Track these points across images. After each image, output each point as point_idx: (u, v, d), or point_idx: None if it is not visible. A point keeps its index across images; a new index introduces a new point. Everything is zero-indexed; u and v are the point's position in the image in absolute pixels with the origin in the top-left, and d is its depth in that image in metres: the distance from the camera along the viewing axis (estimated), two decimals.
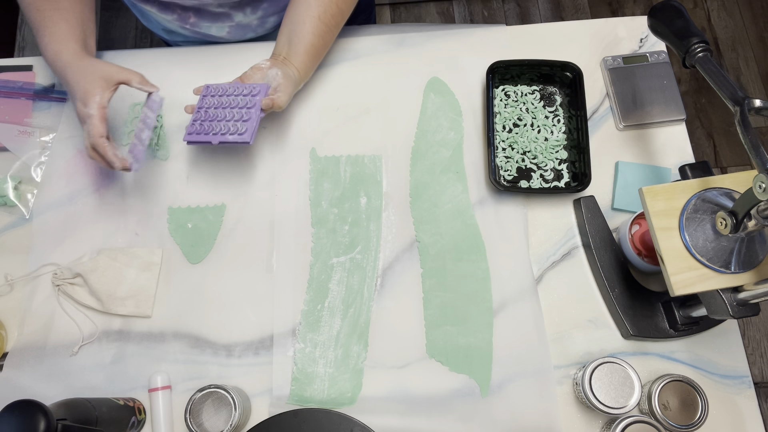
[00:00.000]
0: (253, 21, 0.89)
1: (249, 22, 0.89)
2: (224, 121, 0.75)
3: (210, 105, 0.77)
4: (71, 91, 0.74)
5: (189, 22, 0.87)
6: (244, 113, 0.74)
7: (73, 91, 0.73)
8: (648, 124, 0.84)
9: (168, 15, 0.86)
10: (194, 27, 0.88)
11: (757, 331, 1.57)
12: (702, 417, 0.66)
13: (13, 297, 0.78)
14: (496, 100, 0.86)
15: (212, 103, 0.77)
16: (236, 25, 0.89)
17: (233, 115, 0.75)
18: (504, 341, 0.75)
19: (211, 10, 0.85)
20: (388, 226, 0.80)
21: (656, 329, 0.73)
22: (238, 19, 0.87)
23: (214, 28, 0.88)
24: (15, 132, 0.85)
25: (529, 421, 0.71)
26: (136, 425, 0.70)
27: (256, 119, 0.74)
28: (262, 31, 0.92)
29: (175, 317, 0.77)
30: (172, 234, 0.80)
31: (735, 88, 0.60)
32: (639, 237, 0.74)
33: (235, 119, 0.75)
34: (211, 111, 0.76)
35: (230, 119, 0.75)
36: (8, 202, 0.81)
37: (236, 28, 0.89)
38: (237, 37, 0.91)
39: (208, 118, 0.76)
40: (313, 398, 0.73)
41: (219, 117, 0.75)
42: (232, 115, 0.75)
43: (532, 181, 0.82)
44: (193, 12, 0.86)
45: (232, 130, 0.74)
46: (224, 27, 0.89)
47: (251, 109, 0.74)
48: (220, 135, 0.75)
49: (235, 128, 0.74)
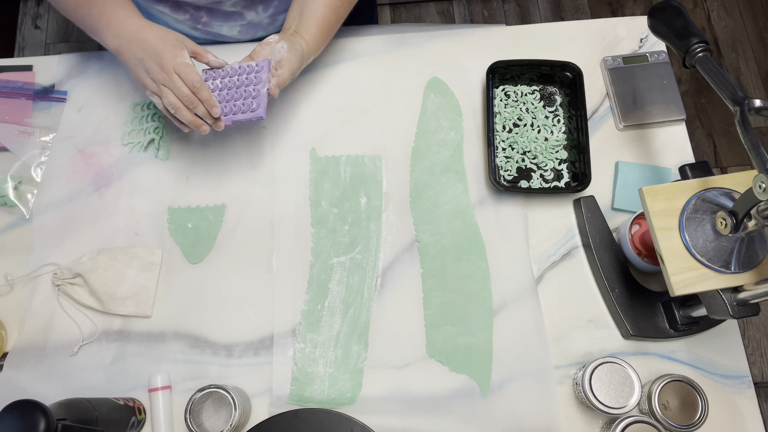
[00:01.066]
0: (264, 19, 0.89)
1: (260, 21, 0.89)
2: (232, 102, 0.74)
3: (214, 88, 0.76)
4: (147, 49, 0.71)
5: (201, 21, 0.87)
6: (252, 90, 0.74)
7: (151, 50, 0.70)
8: (648, 124, 0.84)
9: (180, 15, 0.86)
10: (206, 27, 0.88)
11: (757, 331, 1.57)
12: (702, 417, 0.66)
13: (13, 297, 0.78)
14: (496, 100, 0.86)
15: (216, 86, 0.76)
16: (248, 24, 0.89)
17: (241, 94, 0.74)
18: (504, 341, 0.75)
19: (224, 9, 0.85)
20: (388, 226, 0.80)
21: (656, 329, 0.73)
22: (250, 17, 0.87)
23: (226, 27, 0.88)
24: (15, 132, 0.85)
25: (529, 421, 0.71)
26: (136, 425, 0.70)
27: (265, 94, 0.74)
28: (272, 29, 0.92)
29: (175, 317, 0.77)
30: (172, 234, 0.80)
31: (735, 88, 0.60)
32: (639, 237, 0.74)
33: (243, 98, 0.74)
34: (216, 94, 0.75)
35: (238, 98, 0.74)
36: (8, 202, 0.81)
37: (247, 26, 0.89)
38: (247, 36, 0.91)
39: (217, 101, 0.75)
40: (313, 398, 0.73)
41: (227, 98, 0.75)
42: (240, 95, 0.74)
43: (532, 181, 0.82)
44: (205, 11, 0.86)
45: (243, 108, 0.74)
46: (236, 26, 0.89)
47: (258, 85, 0.74)
48: (231, 115, 0.74)
49: (246, 106, 0.74)
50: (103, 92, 0.88)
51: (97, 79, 0.89)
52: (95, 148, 0.85)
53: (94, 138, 0.85)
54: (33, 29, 1.88)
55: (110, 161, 0.84)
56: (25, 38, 1.86)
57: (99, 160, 0.84)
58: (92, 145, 0.85)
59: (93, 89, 0.88)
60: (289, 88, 0.87)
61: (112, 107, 0.87)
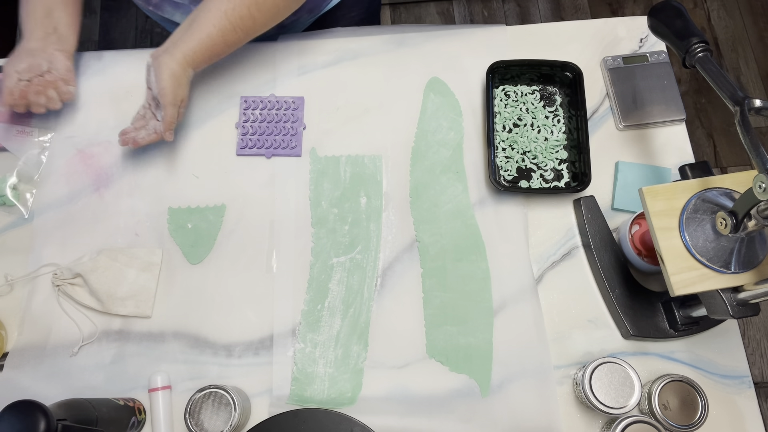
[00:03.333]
0: None
1: None
2: (273, 136, 0.84)
3: (255, 119, 0.85)
4: None
5: (152, 3, 0.86)
6: (290, 128, 0.85)
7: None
8: (648, 124, 0.84)
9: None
10: (158, 10, 0.87)
11: (757, 331, 1.57)
12: (702, 417, 0.66)
13: (13, 297, 0.78)
14: (496, 100, 0.86)
15: (256, 117, 0.85)
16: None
17: (280, 130, 0.84)
18: (504, 341, 0.75)
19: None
20: (388, 226, 0.80)
21: (656, 329, 0.73)
22: None
23: (178, 15, 0.88)
24: (14, 132, 0.85)
25: (529, 421, 0.71)
26: (136, 425, 0.70)
27: (301, 132, 0.85)
28: None
29: (175, 317, 0.77)
30: (172, 234, 0.80)
31: (735, 88, 0.60)
32: (639, 237, 0.74)
33: (282, 134, 0.84)
34: (256, 125, 0.85)
35: (278, 134, 0.84)
36: (7, 201, 0.81)
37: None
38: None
39: (257, 132, 0.84)
40: (313, 398, 0.73)
41: (267, 131, 0.84)
42: (279, 130, 0.84)
43: (532, 181, 0.82)
44: None
45: (283, 144, 0.84)
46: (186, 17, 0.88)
47: (295, 123, 0.85)
48: (273, 149, 0.84)
49: (286, 143, 0.84)
50: (102, 92, 0.88)
51: (96, 79, 0.89)
52: (95, 148, 0.85)
53: (94, 138, 0.85)
54: None
55: (110, 161, 0.84)
56: None
57: (99, 160, 0.84)
58: (92, 145, 0.85)
59: (92, 89, 0.88)
60: (288, 87, 0.87)
61: (112, 107, 0.87)
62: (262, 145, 0.83)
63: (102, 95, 0.88)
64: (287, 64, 0.88)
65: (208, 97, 0.87)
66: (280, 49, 0.89)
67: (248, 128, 0.84)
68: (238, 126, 0.85)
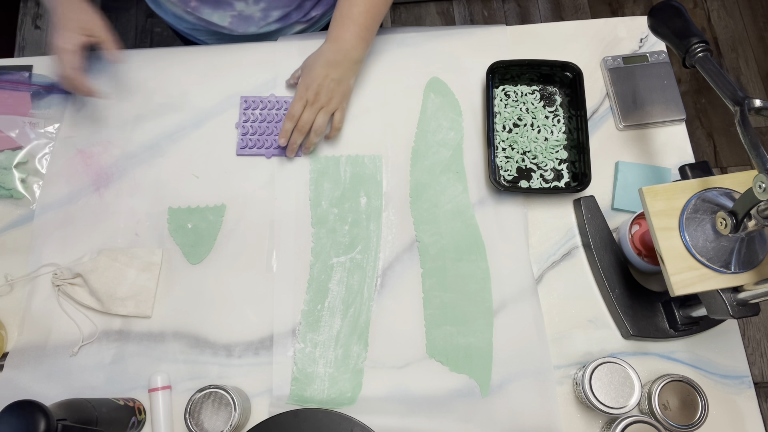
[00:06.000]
0: (256, 12, 0.88)
1: (251, 14, 0.89)
2: (273, 136, 0.84)
3: (255, 119, 0.85)
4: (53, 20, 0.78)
5: (190, 6, 0.87)
6: None
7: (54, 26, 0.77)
8: (648, 124, 0.84)
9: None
10: (196, 12, 0.88)
11: (757, 331, 1.57)
12: (702, 417, 0.66)
13: (13, 297, 0.78)
14: (496, 100, 0.86)
15: (256, 117, 0.85)
16: (238, 15, 0.88)
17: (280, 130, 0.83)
18: (504, 341, 0.75)
19: None
20: (388, 226, 0.80)
21: (656, 329, 0.73)
22: (239, 8, 0.87)
23: (216, 16, 0.88)
24: (21, 123, 0.85)
25: (529, 421, 0.71)
26: (136, 425, 0.70)
27: None
28: (264, 24, 0.91)
29: (175, 317, 0.77)
30: (172, 234, 0.80)
31: (735, 88, 0.60)
32: (639, 237, 0.74)
33: None
34: (256, 125, 0.84)
35: (278, 134, 0.82)
36: (15, 194, 0.81)
37: (239, 18, 0.89)
38: (240, 29, 0.91)
39: (257, 132, 0.84)
40: (313, 398, 0.73)
41: (267, 131, 0.84)
42: (279, 130, 0.83)
43: (532, 181, 0.82)
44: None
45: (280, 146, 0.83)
46: (226, 16, 0.88)
47: None
48: (272, 149, 0.84)
49: None
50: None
51: (96, 79, 0.88)
52: (95, 148, 0.85)
53: (94, 138, 0.85)
54: (33, 29, 1.88)
55: (110, 161, 0.84)
56: (25, 38, 1.87)
57: (99, 160, 0.84)
58: (92, 145, 0.85)
59: None
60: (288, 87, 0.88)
61: (112, 107, 0.87)
62: (262, 145, 0.83)
63: None
64: (287, 64, 0.88)
65: (208, 97, 0.87)
66: (280, 49, 0.89)
67: (248, 128, 0.84)
68: (238, 126, 0.85)
